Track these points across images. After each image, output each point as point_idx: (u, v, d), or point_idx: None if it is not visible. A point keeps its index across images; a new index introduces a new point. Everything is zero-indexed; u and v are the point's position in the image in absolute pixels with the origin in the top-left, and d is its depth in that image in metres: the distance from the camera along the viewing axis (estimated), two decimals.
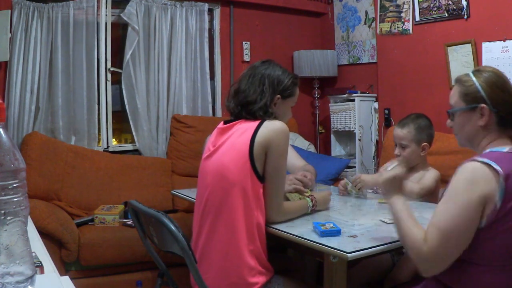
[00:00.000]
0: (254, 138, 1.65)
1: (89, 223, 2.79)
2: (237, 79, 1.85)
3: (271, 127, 1.67)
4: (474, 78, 1.42)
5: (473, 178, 1.28)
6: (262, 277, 1.66)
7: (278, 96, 1.78)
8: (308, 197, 1.89)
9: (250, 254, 1.63)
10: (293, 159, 2.37)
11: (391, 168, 1.57)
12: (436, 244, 1.27)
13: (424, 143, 2.20)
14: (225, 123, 1.79)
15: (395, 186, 1.48)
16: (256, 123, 1.69)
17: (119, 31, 3.64)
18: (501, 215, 1.25)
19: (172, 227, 1.45)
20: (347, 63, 4.26)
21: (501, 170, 1.25)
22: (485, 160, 1.28)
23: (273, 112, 1.75)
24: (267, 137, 1.64)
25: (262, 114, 1.72)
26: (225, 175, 1.66)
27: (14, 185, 0.75)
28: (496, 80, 1.40)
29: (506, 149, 1.35)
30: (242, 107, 1.75)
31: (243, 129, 1.70)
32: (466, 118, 1.43)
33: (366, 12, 4.04)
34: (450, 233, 1.27)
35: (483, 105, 1.38)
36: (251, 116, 1.73)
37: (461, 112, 1.44)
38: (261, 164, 1.66)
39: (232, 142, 1.70)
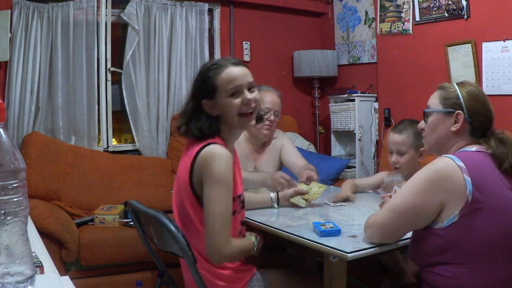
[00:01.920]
0: (192, 168, 1.53)
1: (89, 223, 2.79)
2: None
3: (205, 154, 1.50)
4: (457, 87, 1.49)
5: (439, 170, 1.36)
6: (234, 284, 1.62)
7: (204, 101, 1.57)
8: (306, 200, 1.89)
9: (208, 273, 1.59)
10: (296, 159, 2.41)
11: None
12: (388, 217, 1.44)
13: (422, 149, 2.10)
14: None
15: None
16: (195, 151, 1.54)
17: (119, 31, 3.64)
18: (472, 208, 1.30)
19: (172, 227, 1.45)
20: (347, 63, 4.26)
21: (463, 165, 1.32)
22: (450, 156, 1.37)
23: (213, 125, 1.57)
24: (200, 167, 1.51)
25: (203, 133, 1.55)
26: (177, 194, 1.64)
27: (14, 185, 0.75)
28: (477, 93, 1.47)
29: (474, 148, 1.41)
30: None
31: (191, 151, 1.57)
32: (440, 121, 1.50)
33: (366, 12, 4.03)
34: (400, 210, 1.40)
35: (459, 111, 1.45)
36: (193, 135, 1.58)
37: (437, 114, 1.51)
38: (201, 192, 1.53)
39: (184, 160, 1.61)
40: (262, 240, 1.66)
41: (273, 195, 2.04)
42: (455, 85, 1.50)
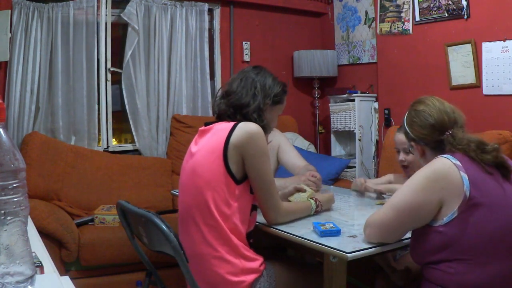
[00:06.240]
0: (228, 139, 1.62)
1: (89, 223, 2.80)
2: (227, 81, 1.84)
3: (246, 129, 1.63)
4: (406, 118, 1.58)
5: (437, 169, 1.39)
6: (249, 275, 1.62)
7: (268, 101, 1.77)
8: (312, 198, 1.87)
9: (227, 254, 1.60)
10: (295, 159, 2.37)
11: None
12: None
13: None
14: (205, 125, 1.78)
15: None
16: (232, 124, 1.66)
17: (119, 31, 3.64)
18: (470, 204, 1.33)
19: (164, 227, 1.44)
20: (347, 63, 4.26)
21: (459, 163, 1.36)
22: (446, 155, 1.40)
23: (265, 117, 1.74)
24: (241, 140, 1.61)
25: (256, 117, 1.71)
26: (198, 174, 1.64)
27: (14, 185, 0.75)
28: (415, 116, 1.52)
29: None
30: (236, 109, 1.72)
31: (219, 129, 1.68)
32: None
33: (366, 12, 4.03)
34: (400, 208, 1.41)
35: (411, 142, 1.55)
36: (245, 119, 1.70)
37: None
38: (237, 166, 1.62)
39: (206, 141, 1.68)
40: (321, 205, 1.87)
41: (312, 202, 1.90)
42: (406, 117, 1.58)
